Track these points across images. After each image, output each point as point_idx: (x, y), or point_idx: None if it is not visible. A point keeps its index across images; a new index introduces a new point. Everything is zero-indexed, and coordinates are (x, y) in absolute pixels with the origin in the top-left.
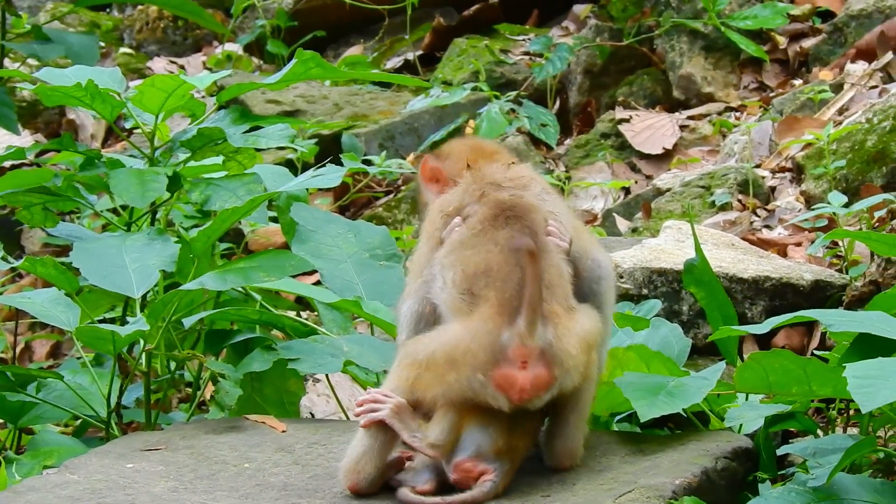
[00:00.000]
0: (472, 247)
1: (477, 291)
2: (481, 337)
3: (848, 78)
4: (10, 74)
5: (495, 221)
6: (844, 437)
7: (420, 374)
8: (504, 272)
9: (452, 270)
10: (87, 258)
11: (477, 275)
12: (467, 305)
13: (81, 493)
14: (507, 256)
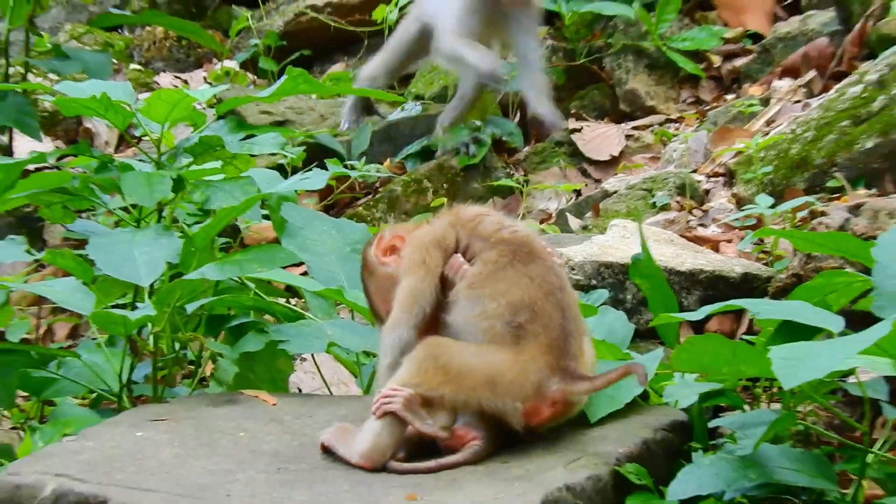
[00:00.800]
0: (505, 280)
1: (522, 325)
2: (530, 374)
3: (775, 93)
4: (33, 87)
5: (515, 257)
6: (768, 411)
7: (444, 380)
8: (547, 310)
9: (493, 301)
10: (101, 251)
11: (521, 308)
12: (512, 337)
13: (96, 458)
14: (545, 293)
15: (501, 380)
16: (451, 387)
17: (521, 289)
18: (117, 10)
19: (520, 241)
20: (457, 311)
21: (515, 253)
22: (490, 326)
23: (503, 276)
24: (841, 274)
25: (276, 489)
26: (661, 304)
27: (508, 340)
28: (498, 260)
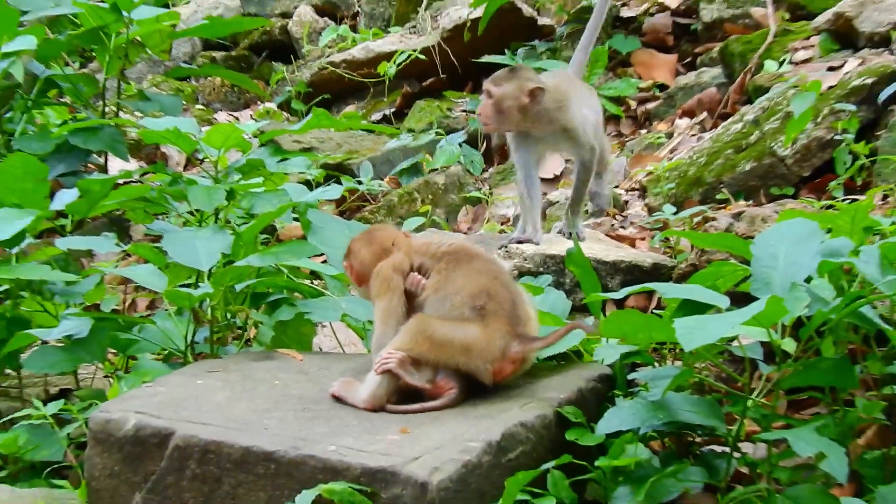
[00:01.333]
0: (459, 278)
1: (483, 306)
2: (496, 341)
3: (677, 129)
4: (123, 122)
5: (460, 260)
6: (673, 368)
7: (430, 347)
8: (498, 290)
9: (457, 295)
10: (172, 244)
11: (479, 294)
12: (478, 316)
13: (167, 400)
14: (492, 278)
15: (474, 347)
16: (435, 352)
17: (473, 280)
18: (186, 65)
19: (458, 249)
20: (430, 310)
21: (458, 258)
22: (460, 314)
23: (457, 276)
24: (727, 264)
25: (302, 423)
26: (589, 286)
27: (476, 319)
28: (448, 266)
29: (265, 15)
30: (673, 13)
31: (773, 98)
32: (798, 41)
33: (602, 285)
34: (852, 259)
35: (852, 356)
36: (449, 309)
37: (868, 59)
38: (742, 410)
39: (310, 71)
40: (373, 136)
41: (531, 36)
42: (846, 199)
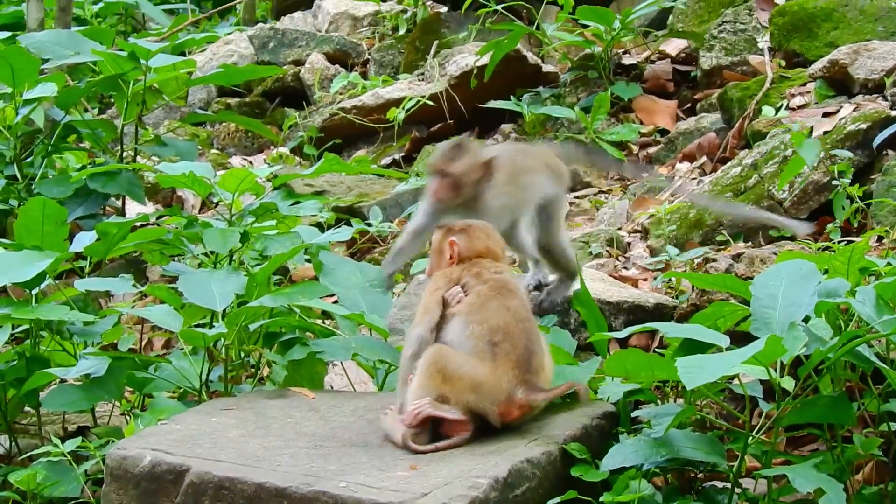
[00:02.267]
0: (490, 309)
1: (497, 343)
2: (503, 384)
3: (677, 173)
4: (140, 167)
5: (499, 292)
6: (675, 405)
7: (442, 382)
8: (517, 334)
9: (479, 325)
10: (188, 285)
11: (496, 330)
12: (490, 352)
13: (182, 437)
14: (516, 320)
15: (482, 388)
16: (447, 387)
17: (500, 316)
18: (202, 111)
19: (503, 282)
20: (452, 327)
21: (499, 291)
22: (475, 344)
23: (488, 307)
24: (727, 305)
25: (314, 460)
26: (594, 325)
27: (488, 356)
28: (487, 293)
29: (278, 63)
30: (673, 61)
31: (771, 143)
32: (794, 87)
33: (606, 325)
34: (849, 299)
35: (850, 394)
36: (467, 335)
37: (862, 104)
38: (743, 447)
39: (321, 117)
40: (383, 179)
41: (536, 83)
42: (842, 241)
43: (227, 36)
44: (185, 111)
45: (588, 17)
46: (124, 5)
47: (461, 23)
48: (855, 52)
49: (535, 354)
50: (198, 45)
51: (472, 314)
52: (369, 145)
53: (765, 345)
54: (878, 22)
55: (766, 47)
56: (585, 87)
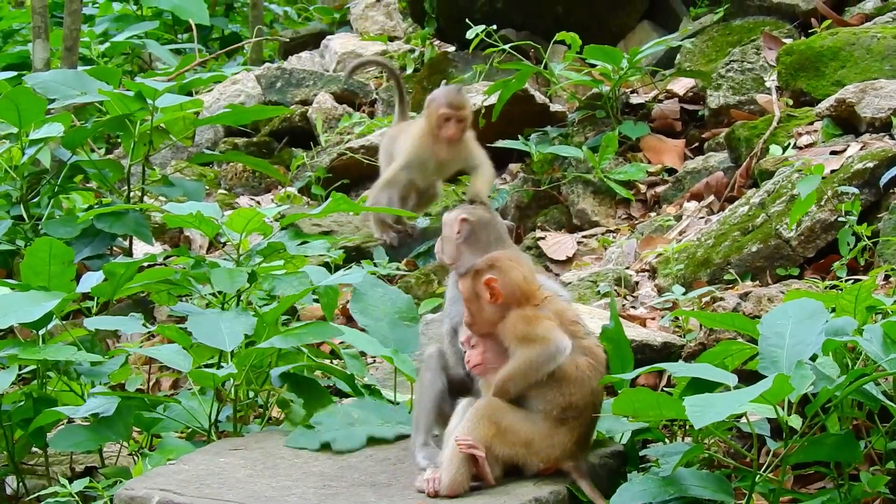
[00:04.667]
0: (579, 390)
1: (568, 418)
2: (556, 450)
3: (685, 212)
4: (148, 207)
5: (594, 374)
6: (683, 444)
7: (494, 434)
8: (588, 413)
9: (562, 397)
10: (197, 325)
11: (574, 408)
12: (555, 420)
13: (190, 477)
14: (595, 402)
15: (535, 446)
16: (498, 439)
17: (584, 397)
18: (209, 151)
19: (600, 360)
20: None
21: (595, 370)
22: (548, 409)
23: (580, 385)
24: (734, 343)
25: (322, 500)
26: (619, 362)
27: (552, 421)
28: (585, 370)
29: (285, 103)
30: (680, 100)
31: (779, 182)
32: (802, 126)
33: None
34: (856, 338)
35: (857, 432)
36: (547, 399)
37: (869, 143)
38: (751, 485)
39: (329, 156)
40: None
41: (544, 122)
42: (849, 280)
43: (234, 75)
44: (192, 151)
45: (596, 57)
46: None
47: (468, 62)
48: (862, 90)
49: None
50: (205, 85)
51: (564, 385)
52: None
53: (772, 383)
54: (884, 61)
55: (773, 86)
56: (593, 127)
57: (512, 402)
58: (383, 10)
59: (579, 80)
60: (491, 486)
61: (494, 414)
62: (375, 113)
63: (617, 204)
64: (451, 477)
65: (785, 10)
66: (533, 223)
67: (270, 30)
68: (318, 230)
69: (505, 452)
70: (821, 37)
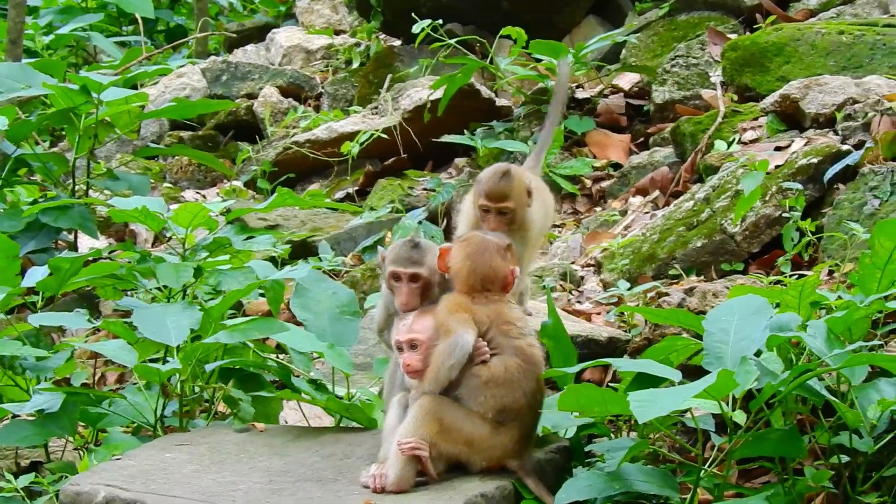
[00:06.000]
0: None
1: (504, 421)
2: (497, 451)
3: (630, 207)
4: (93, 201)
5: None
6: (628, 439)
7: (438, 431)
8: (526, 418)
9: (494, 399)
10: (142, 320)
11: (508, 411)
12: (494, 422)
13: (136, 473)
14: (530, 405)
15: (475, 445)
16: (441, 437)
17: (517, 400)
18: (155, 144)
19: (532, 359)
20: (467, 385)
21: (527, 371)
22: (482, 412)
23: (510, 388)
24: (679, 339)
25: (269, 496)
26: (562, 359)
27: (490, 423)
28: (515, 372)
29: (231, 96)
30: (626, 95)
31: (723, 177)
32: (746, 122)
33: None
34: (800, 333)
35: (801, 427)
36: (479, 402)
37: (813, 139)
38: (695, 480)
39: (275, 150)
40: (336, 213)
41: (489, 117)
42: (794, 275)
43: (179, 69)
44: (137, 144)
45: (541, 52)
46: (76, 37)
47: (415, 56)
48: (806, 86)
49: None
50: (150, 78)
51: (492, 387)
52: (323, 179)
53: (717, 379)
54: (829, 56)
55: (718, 81)
56: (539, 121)
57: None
58: (329, 3)
59: (525, 75)
60: (436, 481)
61: (438, 411)
62: (321, 107)
63: (562, 199)
64: (397, 473)
65: (730, 6)
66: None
67: (216, 22)
68: (263, 224)
69: (448, 450)
70: (766, 32)
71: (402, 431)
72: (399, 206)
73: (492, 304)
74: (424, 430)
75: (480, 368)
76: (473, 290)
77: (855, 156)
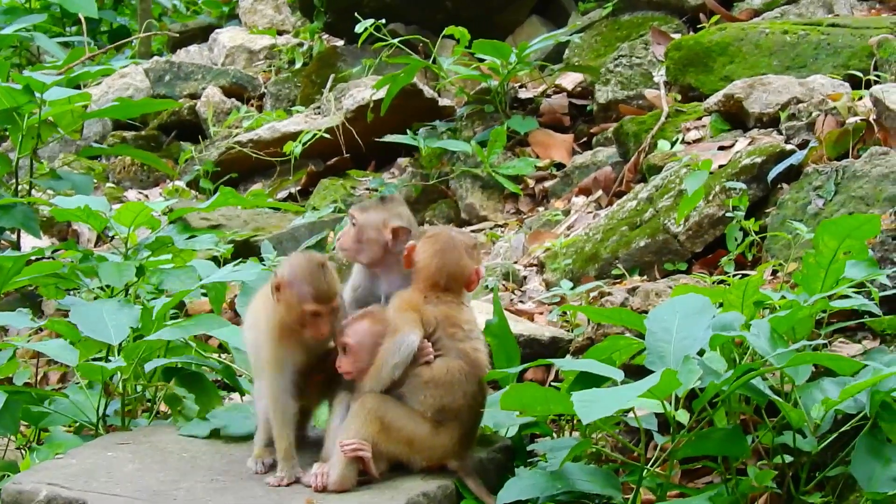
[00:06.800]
0: (450, 391)
1: (444, 421)
2: (438, 451)
3: (573, 206)
4: (35, 201)
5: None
6: (570, 439)
7: (378, 430)
8: (466, 419)
9: (434, 399)
10: (80, 318)
11: (448, 412)
12: (433, 421)
13: (78, 471)
14: (470, 406)
15: (416, 445)
16: (383, 436)
17: (457, 401)
18: (97, 144)
19: (476, 363)
20: (409, 385)
21: (469, 374)
22: (423, 410)
23: (450, 389)
24: (622, 338)
25: (211, 494)
26: (505, 359)
27: (430, 423)
28: (456, 374)
29: (174, 96)
30: (569, 95)
31: (667, 177)
32: (690, 122)
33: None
34: (743, 333)
35: (744, 426)
36: (419, 400)
37: (757, 138)
38: (638, 480)
39: (217, 150)
40: (279, 213)
41: (432, 116)
42: (737, 275)
43: (122, 69)
44: (80, 144)
45: (484, 51)
46: (19, 38)
47: (357, 56)
48: (750, 86)
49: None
50: (93, 78)
51: (432, 387)
52: (266, 179)
53: (660, 378)
54: (773, 56)
55: (661, 81)
56: (482, 121)
57: (398, 401)
58: (272, 3)
59: (468, 75)
60: (378, 480)
61: (379, 410)
62: (264, 107)
63: (505, 198)
64: (339, 472)
65: (673, 6)
66: (421, 218)
67: (159, 23)
68: (206, 224)
69: (390, 449)
70: (709, 32)
71: (345, 430)
72: (342, 205)
73: (443, 304)
74: (366, 430)
75: (423, 369)
76: (436, 287)
77: (799, 155)
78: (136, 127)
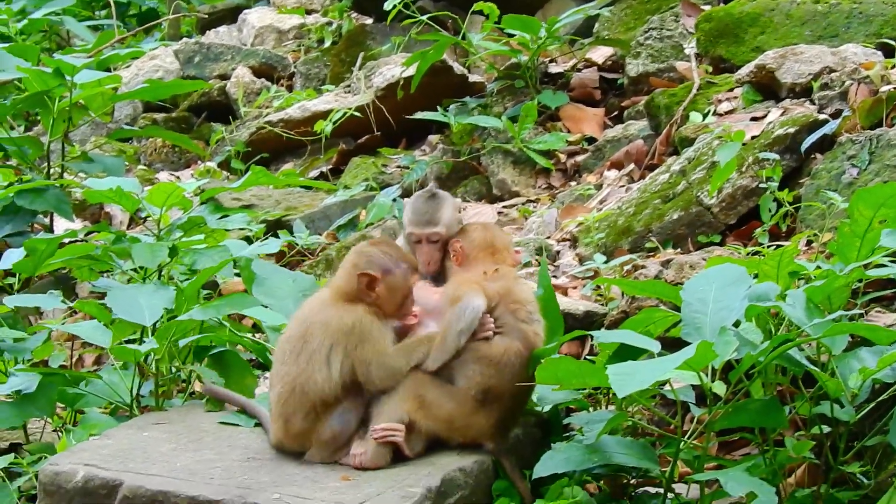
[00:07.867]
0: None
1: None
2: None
3: (606, 180)
4: (68, 183)
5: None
6: (607, 412)
7: (417, 408)
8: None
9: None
10: (116, 301)
11: (493, 394)
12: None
13: (114, 452)
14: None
15: (456, 423)
16: (421, 414)
17: (503, 384)
18: (128, 126)
19: (531, 344)
20: (462, 356)
21: (523, 360)
22: (467, 386)
23: (501, 371)
24: (657, 311)
25: (247, 473)
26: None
27: (473, 402)
28: (512, 357)
29: (204, 77)
30: (600, 68)
31: (699, 149)
32: (722, 93)
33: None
34: (779, 303)
35: (781, 397)
36: (467, 375)
37: (790, 109)
38: (675, 452)
39: (248, 130)
40: (311, 192)
41: (462, 93)
42: (771, 246)
43: (152, 51)
44: (111, 127)
45: (514, 27)
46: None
47: (387, 34)
48: (782, 56)
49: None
50: (123, 61)
51: (485, 365)
52: (297, 158)
53: (696, 350)
54: (804, 26)
55: (692, 53)
56: (512, 97)
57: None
58: None
59: (497, 51)
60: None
61: (419, 388)
62: (294, 86)
63: (537, 174)
64: (374, 450)
65: None
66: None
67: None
68: (238, 204)
69: (428, 427)
70: (740, 3)
71: (384, 407)
72: (373, 183)
73: (501, 279)
74: (405, 407)
75: (480, 343)
76: (489, 257)
77: (832, 125)
78: (167, 109)
